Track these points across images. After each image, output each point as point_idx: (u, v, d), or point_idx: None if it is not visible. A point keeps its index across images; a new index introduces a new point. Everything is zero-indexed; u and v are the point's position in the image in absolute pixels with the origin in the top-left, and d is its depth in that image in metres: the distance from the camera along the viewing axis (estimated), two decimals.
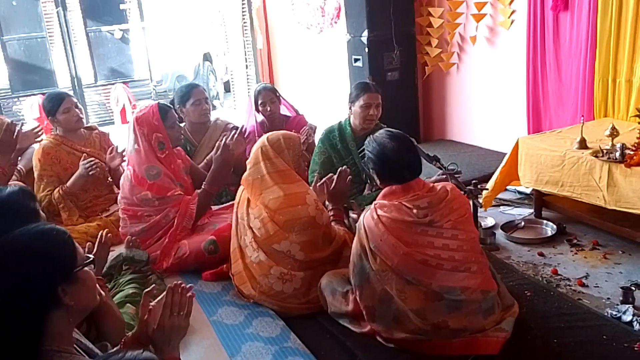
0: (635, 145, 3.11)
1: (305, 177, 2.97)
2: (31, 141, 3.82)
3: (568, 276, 3.03)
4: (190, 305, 1.77)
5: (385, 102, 3.62)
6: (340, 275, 2.65)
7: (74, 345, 1.61)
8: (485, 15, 4.85)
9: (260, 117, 4.31)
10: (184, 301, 1.76)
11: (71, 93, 6.13)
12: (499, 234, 3.56)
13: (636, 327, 2.48)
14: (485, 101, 5.17)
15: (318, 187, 3.04)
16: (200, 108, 3.95)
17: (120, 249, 3.13)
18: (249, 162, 2.90)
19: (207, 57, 10.33)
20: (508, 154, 3.69)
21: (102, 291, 2.12)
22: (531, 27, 4.37)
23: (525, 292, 2.79)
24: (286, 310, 2.73)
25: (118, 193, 3.52)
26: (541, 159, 3.48)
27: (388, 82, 5.24)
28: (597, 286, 2.91)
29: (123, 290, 2.74)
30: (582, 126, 3.40)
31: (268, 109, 4.22)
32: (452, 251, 2.31)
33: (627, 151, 3.10)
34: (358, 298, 2.44)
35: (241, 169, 3.82)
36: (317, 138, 3.84)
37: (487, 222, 3.72)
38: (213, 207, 3.63)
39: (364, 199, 3.44)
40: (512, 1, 4.60)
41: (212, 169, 3.43)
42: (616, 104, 3.87)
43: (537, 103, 4.48)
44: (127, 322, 2.26)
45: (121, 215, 3.41)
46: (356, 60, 5.41)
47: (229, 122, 4.17)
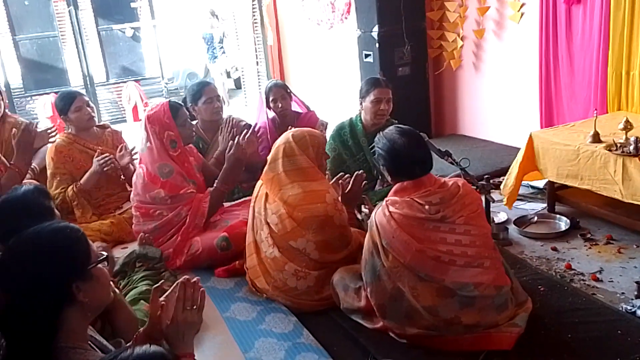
0: None
1: (324, 173, 2.96)
2: (45, 141, 3.85)
3: (582, 271, 3.01)
4: (202, 299, 1.78)
5: (396, 98, 3.62)
6: (352, 271, 2.65)
7: (89, 342, 1.62)
8: (489, 7, 4.83)
9: (271, 114, 4.31)
10: (197, 295, 1.76)
11: (83, 92, 6.13)
12: (512, 229, 3.54)
13: None
14: (497, 95, 5.14)
15: (332, 185, 3.04)
16: (212, 106, 3.96)
17: (133, 246, 3.15)
18: (270, 158, 2.88)
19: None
20: (523, 149, 3.66)
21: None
22: (543, 21, 4.34)
23: (538, 287, 2.78)
24: (299, 306, 2.74)
25: (131, 191, 3.54)
26: (556, 153, 3.46)
27: (399, 78, 5.22)
28: (612, 281, 2.89)
29: (136, 287, 2.75)
30: (596, 120, 3.37)
31: (279, 106, 4.22)
32: (465, 247, 2.30)
33: None
34: (369, 295, 2.44)
35: (253, 166, 3.86)
36: (328, 134, 3.84)
37: (500, 217, 3.70)
38: (225, 204, 3.64)
39: (375, 195, 3.43)
40: None
41: (225, 168, 3.44)
42: (630, 97, 3.82)
43: (550, 97, 4.44)
44: (141, 319, 2.27)
45: (134, 213, 3.43)
46: (367, 55, 5.40)
47: (242, 120, 4.18)
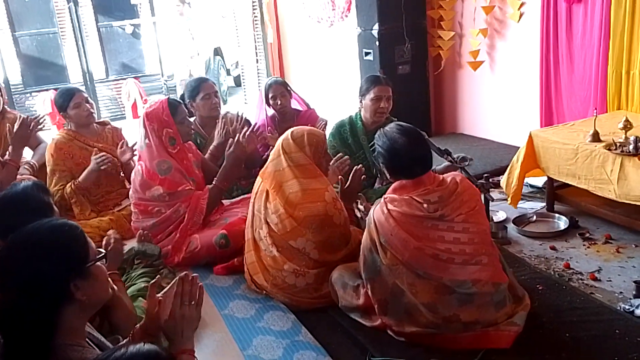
0: None
1: (326, 175, 2.93)
2: (34, 130, 3.76)
3: (580, 270, 3.01)
4: (201, 295, 1.77)
5: (396, 96, 3.61)
6: (351, 269, 2.65)
7: (86, 339, 1.62)
8: (494, 6, 4.82)
9: (271, 111, 4.31)
10: (195, 291, 1.75)
11: (83, 88, 6.15)
12: (511, 228, 3.54)
13: None
14: (497, 94, 5.14)
15: (330, 170, 3.03)
16: (210, 102, 3.95)
17: (132, 243, 3.15)
18: (272, 155, 2.88)
19: (218, 52, 10.33)
20: (523, 148, 3.66)
21: (117, 285, 2.14)
22: (544, 19, 4.33)
23: (537, 286, 2.78)
24: (298, 303, 2.74)
25: (130, 188, 3.54)
26: (555, 152, 3.46)
27: (399, 76, 5.22)
28: (610, 280, 2.89)
29: (135, 284, 2.75)
30: (595, 119, 3.37)
31: (279, 103, 4.22)
32: (463, 244, 2.31)
33: None
34: (370, 292, 2.44)
35: (252, 164, 3.86)
36: (328, 132, 3.83)
37: (499, 216, 3.70)
38: (224, 202, 3.64)
39: (374, 193, 3.43)
40: None
41: (224, 165, 3.45)
42: (630, 96, 3.82)
43: (550, 96, 4.44)
44: (139, 316, 2.27)
45: (133, 209, 3.43)
46: (367, 53, 5.39)
47: (240, 115, 4.16)
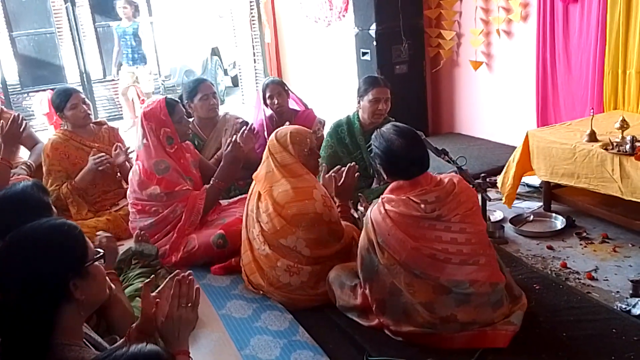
0: None
1: (315, 173, 2.96)
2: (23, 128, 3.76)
3: (577, 269, 3.01)
4: (197, 296, 1.78)
5: (393, 95, 3.61)
6: (348, 268, 2.66)
7: (83, 339, 1.62)
8: (494, 6, 4.82)
9: (268, 112, 4.31)
10: (192, 292, 1.76)
11: (80, 88, 6.15)
12: (508, 228, 3.54)
13: None
14: (494, 94, 5.14)
15: (327, 178, 3.05)
16: (208, 103, 3.95)
17: (129, 243, 3.15)
18: (263, 157, 2.91)
19: (215, 52, 10.33)
20: (520, 147, 3.66)
21: (115, 285, 2.14)
22: (541, 19, 4.33)
23: (534, 286, 2.79)
24: (294, 302, 2.74)
25: (127, 188, 3.54)
26: (552, 152, 3.46)
27: (396, 76, 5.22)
28: (607, 279, 2.90)
29: (132, 284, 2.75)
30: (592, 119, 3.38)
31: (276, 102, 4.21)
32: (461, 245, 2.31)
33: (638, 144, 3.08)
34: (368, 291, 2.45)
35: (250, 164, 3.85)
36: (326, 132, 3.83)
37: (496, 216, 3.70)
38: (222, 202, 3.64)
39: (372, 193, 3.43)
40: None
41: (222, 165, 3.45)
42: (626, 96, 3.83)
43: (547, 95, 4.45)
44: (137, 316, 2.27)
45: (130, 209, 3.43)
46: (364, 53, 5.39)
47: (238, 117, 4.17)
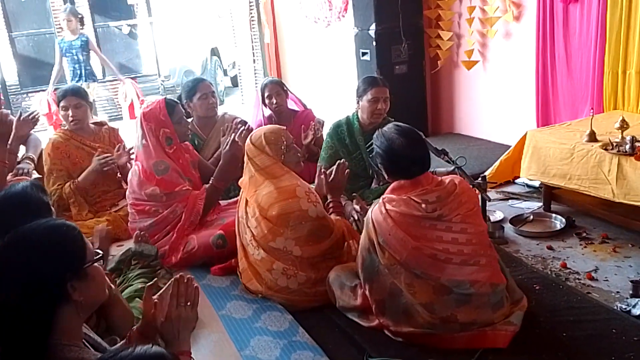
0: None
1: (300, 169, 2.94)
2: (30, 126, 3.81)
3: (577, 270, 3.01)
4: (196, 296, 1.77)
5: (393, 96, 3.61)
6: (348, 269, 2.66)
7: (83, 339, 1.62)
8: (497, 7, 4.82)
9: (267, 112, 4.31)
10: (190, 292, 1.76)
11: None
12: (508, 228, 3.54)
13: None
14: (494, 94, 5.14)
15: (318, 180, 3.06)
16: (206, 102, 3.95)
17: (129, 244, 3.15)
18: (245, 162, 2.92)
19: (215, 52, 10.33)
20: (513, 146, 3.66)
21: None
22: (541, 19, 4.33)
23: (534, 286, 2.79)
24: (294, 303, 2.73)
25: (127, 188, 3.53)
26: (550, 152, 3.46)
27: (396, 76, 5.22)
28: (607, 280, 2.90)
29: (132, 284, 2.75)
30: (592, 119, 3.38)
31: (274, 102, 4.21)
32: (461, 245, 2.31)
33: (637, 144, 3.08)
34: (368, 292, 2.44)
35: None
36: (325, 132, 3.83)
37: (496, 216, 3.70)
38: (221, 202, 3.64)
39: (372, 193, 3.43)
40: None
41: (220, 165, 3.44)
42: (626, 96, 3.83)
43: (547, 96, 4.45)
44: (136, 317, 2.27)
45: (130, 210, 3.43)
46: (364, 53, 5.39)
47: (237, 117, 4.17)
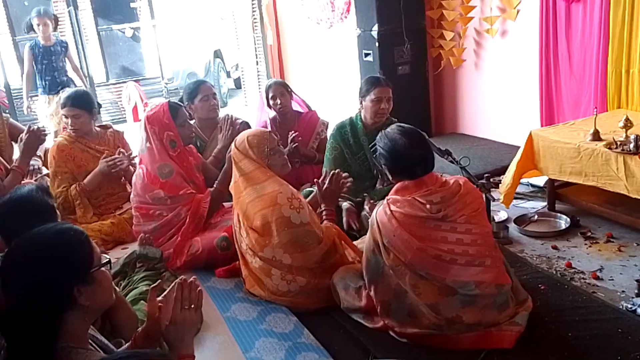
0: None
1: (286, 172, 2.92)
2: (40, 140, 3.81)
3: (582, 269, 3.01)
4: (200, 298, 1.78)
5: (396, 96, 3.61)
6: (352, 270, 2.66)
7: (90, 340, 1.62)
8: (498, 6, 4.82)
9: (272, 113, 4.30)
10: (194, 295, 1.76)
11: None
12: (512, 228, 3.53)
13: None
14: (497, 94, 5.13)
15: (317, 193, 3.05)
16: (208, 104, 3.95)
17: (133, 247, 3.16)
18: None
19: (218, 54, 10.35)
20: (522, 147, 3.66)
21: None
22: (543, 19, 4.33)
23: (539, 286, 2.78)
24: (298, 305, 2.73)
25: (131, 191, 3.54)
26: (558, 151, 3.45)
27: (399, 76, 5.22)
28: (612, 279, 2.89)
29: (137, 287, 2.76)
30: (596, 118, 3.37)
31: (279, 103, 4.20)
32: (466, 245, 2.30)
33: None
34: (373, 293, 2.44)
35: None
36: (329, 133, 3.83)
37: (500, 216, 3.69)
38: (225, 204, 3.63)
39: (376, 194, 3.43)
40: None
41: (225, 168, 3.44)
42: (630, 95, 3.82)
43: (550, 95, 4.44)
44: (141, 319, 2.27)
45: (134, 213, 3.43)
46: (366, 54, 5.39)
47: (238, 118, 4.17)
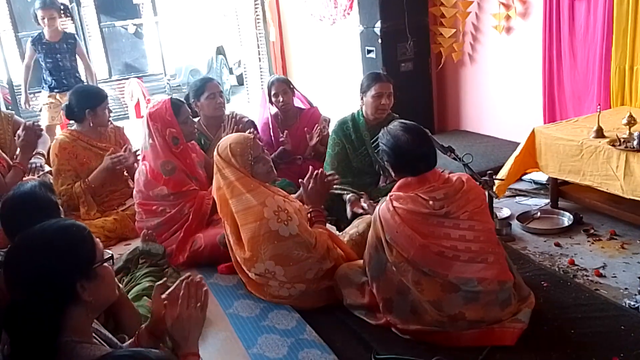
0: None
1: (272, 180, 2.87)
2: (37, 135, 3.79)
3: (585, 266, 3.01)
4: (206, 297, 1.78)
5: (398, 93, 3.61)
6: (355, 267, 2.65)
7: (94, 334, 1.62)
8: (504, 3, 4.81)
9: (274, 110, 4.30)
10: (200, 293, 1.76)
11: None
12: (515, 225, 3.54)
13: None
14: (500, 91, 5.13)
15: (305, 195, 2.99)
16: (214, 102, 3.95)
17: (136, 243, 3.16)
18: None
19: (221, 51, 10.35)
20: (523, 143, 3.66)
21: None
22: (547, 15, 4.32)
23: (541, 283, 2.77)
24: (301, 304, 2.72)
25: (134, 187, 3.54)
26: (560, 149, 3.45)
27: (402, 73, 5.21)
28: (615, 276, 2.89)
29: (140, 283, 2.76)
30: (599, 115, 3.36)
31: (281, 100, 4.20)
32: (469, 242, 2.30)
33: None
34: (375, 290, 2.44)
35: None
36: (331, 130, 3.83)
37: (503, 213, 3.70)
38: None
39: (379, 192, 3.43)
40: None
41: None
42: (633, 92, 3.81)
43: (553, 92, 4.43)
44: (143, 315, 2.28)
45: (137, 209, 3.44)
46: (369, 51, 5.38)
47: (244, 116, 4.17)
